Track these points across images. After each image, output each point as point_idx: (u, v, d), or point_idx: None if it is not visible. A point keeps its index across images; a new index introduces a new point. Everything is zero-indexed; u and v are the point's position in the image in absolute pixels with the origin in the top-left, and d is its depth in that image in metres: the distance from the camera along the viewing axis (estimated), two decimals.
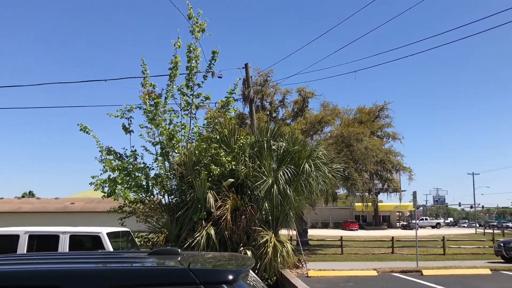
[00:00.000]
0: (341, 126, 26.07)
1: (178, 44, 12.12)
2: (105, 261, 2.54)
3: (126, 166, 11.88)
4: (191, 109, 12.44)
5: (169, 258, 2.55)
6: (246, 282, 2.35)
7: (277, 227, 11.89)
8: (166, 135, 11.87)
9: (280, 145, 12.31)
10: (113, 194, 11.65)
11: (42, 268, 2.25)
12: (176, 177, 12.05)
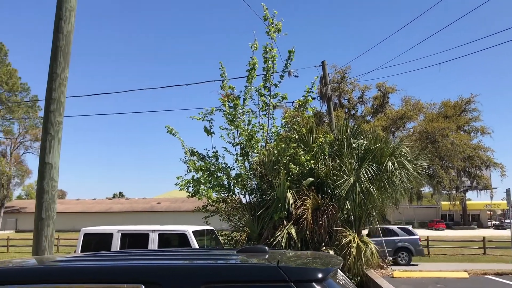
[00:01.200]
0: (424, 122, 25.02)
1: (255, 46, 12.27)
2: (197, 257, 2.64)
3: (208, 166, 12.23)
4: (269, 109, 12.53)
5: (258, 255, 2.60)
6: (336, 281, 2.33)
7: (359, 227, 11.65)
8: (245, 135, 12.06)
9: (361, 143, 12.04)
10: (197, 194, 12.03)
11: (140, 264, 2.38)
12: (256, 176, 12.21)
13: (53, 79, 5.93)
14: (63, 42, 6.00)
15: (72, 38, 6.14)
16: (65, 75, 6.03)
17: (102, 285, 2.15)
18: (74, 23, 6.16)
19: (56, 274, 2.33)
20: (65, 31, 6.03)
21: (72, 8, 6.11)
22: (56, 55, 5.97)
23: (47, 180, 5.70)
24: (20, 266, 2.70)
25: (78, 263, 2.52)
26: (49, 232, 5.64)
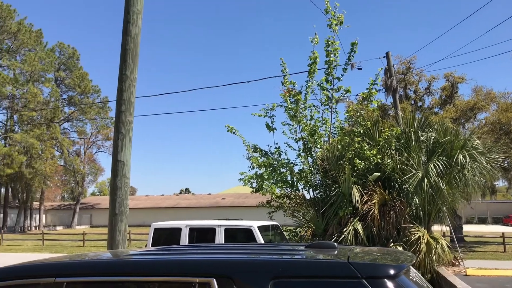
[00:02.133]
0: (497, 112, 23.66)
1: (316, 40, 12.15)
2: (266, 252, 2.66)
3: (271, 162, 12.28)
4: (332, 103, 12.36)
5: (327, 251, 2.57)
6: (409, 278, 2.26)
7: (429, 223, 11.24)
8: (308, 130, 11.98)
9: (429, 136, 11.60)
10: (261, 189, 12.11)
11: (210, 258, 2.43)
12: (319, 172, 12.10)
13: (123, 80, 6.18)
14: (131, 44, 6.23)
15: (139, 40, 6.37)
16: (134, 76, 6.27)
17: (175, 278, 2.22)
18: (141, 26, 6.39)
19: (131, 267, 2.43)
20: (133, 33, 6.26)
21: (139, 11, 6.34)
22: (125, 57, 6.21)
23: (120, 177, 5.96)
24: (96, 259, 2.84)
25: (151, 257, 2.62)
26: (122, 226, 5.90)
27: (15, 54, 48.05)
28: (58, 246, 30.69)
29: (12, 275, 2.56)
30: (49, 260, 2.81)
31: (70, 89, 57.06)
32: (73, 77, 55.53)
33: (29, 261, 2.92)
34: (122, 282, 2.32)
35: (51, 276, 2.44)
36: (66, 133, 59.27)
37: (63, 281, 2.38)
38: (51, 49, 53.84)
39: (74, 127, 60.86)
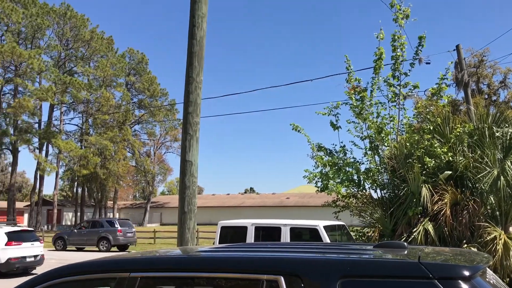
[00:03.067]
0: None
1: (381, 35, 11.84)
2: (334, 251, 2.64)
3: (336, 161, 12.11)
4: (399, 100, 11.99)
5: (397, 251, 2.51)
6: (485, 280, 2.15)
7: (506, 223, 10.59)
8: (374, 128, 11.69)
9: (505, 132, 10.92)
10: (326, 189, 11.98)
11: (278, 256, 2.45)
12: (387, 171, 11.78)
13: (189, 82, 6.37)
14: (197, 47, 6.41)
15: (204, 43, 6.53)
16: (200, 78, 6.43)
17: (243, 275, 2.26)
18: (206, 29, 6.55)
19: (201, 263, 2.50)
20: (198, 37, 6.43)
21: (204, 15, 6.50)
22: (191, 60, 6.40)
23: (188, 176, 6.14)
24: (168, 255, 2.96)
25: (220, 254, 2.68)
26: (191, 224, 6.08)
27: (88, 61, 50.85)
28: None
29: (91, 269, 2.72)
30: (124, 256, 2.95)
31: (140, 92, 59.52)
32: (143, 81, 57.86)
33: (105, 256, 3.09)
34: (192, 278, 2.40)
35: (126, 271, 2.56)
36: (136, 135, 61.92)
37: (137, 276, 2.50)
38: (121, 55, 56.45)
39: (144, 129, 63.44)
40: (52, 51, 48.95)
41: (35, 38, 46.92)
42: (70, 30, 47.95)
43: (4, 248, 15.86)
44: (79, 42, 48.46)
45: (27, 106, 42.05)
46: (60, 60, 49.85)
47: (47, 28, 46.74)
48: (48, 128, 47.40)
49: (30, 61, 41.80)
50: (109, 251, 26.50)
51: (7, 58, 41.70)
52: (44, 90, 43.50)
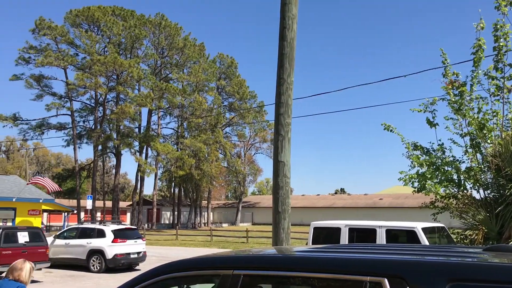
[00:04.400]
0: None
1: (481, 25, 11.07)
2: (439, 254, 2.53)
3: (434, 160, 11.54)
4: (503, 93, 11.13)
5: (508, 255, 2.35)
6: None
7: None
8: (475, 125, 10.96)
9: None
10: (423, 189, 11.46)
11: (381, 258, 2.40)
12: (490, 169, 10.98)
13: (280, 84, 6.44)
14: (287, 49, 6.46)
15: (295, 44, 6.57)
16: (291, 79, 6.48)
17: (345, 276, 2.24)
18: (296, 30, 6.58)
19: (303, 263, 2.52)
20: (289, 38, 6.48)
21: (294, 16, 6.54)
22: (282, 62, 6.46)
23: (281, 177, 6.21)
24: (270, 254, 3.01)
25: (322, 254, 2.68)
26: (285, 224, 6.14)
27: (182, 68, 53.29)
28: (225, 242, 33.10)
29: (197, 266, 2.86)
30: (228, 254, 3.06)
31: (230, 96, 61.23)
32: (232, 85, 59.47)
33: (209, 254, 3.23)
34: (295, 277, 2.43)
35: (229, 268, 2.66)
36: (228, 136, 63.74)
37: (240, 274, 2.58)
38: (212, 60, 58.50)
39: (235, 131, 65.13)
40: (149, 60, 52.02)
41: (134, 48, 50.15)
42: (165, 38, 50.61)
43: (111, 245, 17.13)
44: (173, 50, 50.97)
45: (128, 112, 45.06)
46: (157, 67, 52.79)
47: (144, 38, 49.75)
48: (147, 132, 50.41)
49: (130, 70, 44.76)
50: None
51: (110, 68, 45.03)
52: (143, 96, 46.32)
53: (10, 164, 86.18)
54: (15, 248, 14.31)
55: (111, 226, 18.30)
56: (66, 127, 51.01)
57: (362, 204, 64.88)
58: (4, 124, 47.58)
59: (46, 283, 14.67)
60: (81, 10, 47.10)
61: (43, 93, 48.89)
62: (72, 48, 48.07)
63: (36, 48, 46.29)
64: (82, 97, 50.55)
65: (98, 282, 15.05)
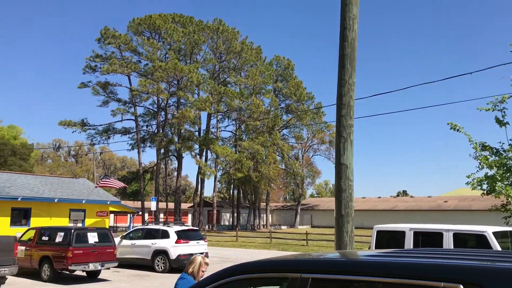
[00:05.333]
0: None
1: None
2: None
3: (504, 161, 10.98)
4: None
5: None
6: None
7: None
8: None
9: None
10: (493, 192, 10.93)
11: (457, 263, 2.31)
12: None
13: (342, 85, 6.36)
14: (348, 49, 6.37)
15: (356, 44, 6.47)
16: (353, 80, 6.39)
17: (420, 281, 2.18)
18: (357, 30, 6.48)
19: (377, 267, 2.46)
20: (350, 38, 6.39)
21: (355, 16, 6.44)
22: (343, 63, 6.39)
23: (344, 179, 6.13)
24: (338, 258, 2.99)
25: (392, 259, 2.63)
26: (349, 228, 6.05)
27: (239, 71, 53.95)
28: (284, 244, 33.08)
29: (265, 268, 2.89)
30: (295, 257, 3.07)
31: (287, 97, 61.20)
32: (289, 87, 59.43)
33: (277, 256, 3.25)
34: (364, 281, 2.39)
35: (297, 271, 2.66)
36: (285, 138, 63.72)
37: (308, 277, 2.57)
38: (269, 63, 58.78)
39: (292, 133, 64.99)
40: (208, 64, 53.09)
41: (193, 53, 51.37)
42: (223, 43, 51.46)
43: (175, 245, 17.62)
44: (231, 54, 51.72)
45: (188, 116, 46.20)
46: (215, 72, 53.77)
47: (203, 43, 50.85)
48: (206, 135, 51.45)
49: (190, 75, 45.90)
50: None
51: (170, 74, 46.40)
52: (203, 100, 47.33)
53: (79, 168, 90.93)
54: (85, 248, 15.05)
55: (174, 227, 18.81)
56: (130, 131, 53.07)
57: (426, 207, 62.66)
58: (73, 129, 50.27)
59: (114, 282, 15.32)
60: (143, 19, 48.87)
61: (109, 99, 51.19)
62: (135, 56, 50.02)
63: (102, 56, 48.54)
64: (145, 102, 52.49)
65: (163, 282, 15.52)
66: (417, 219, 48.21)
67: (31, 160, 63.59)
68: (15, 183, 23.99)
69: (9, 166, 48.81)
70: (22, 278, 15.08)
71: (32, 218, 22.69)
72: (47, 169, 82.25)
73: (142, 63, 50.69)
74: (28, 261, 15.57)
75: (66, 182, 27.92)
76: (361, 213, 61.13)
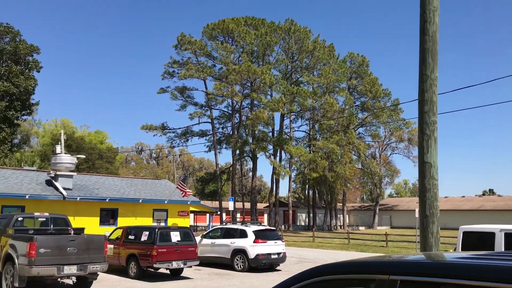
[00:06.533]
0: None
1: None
2: None
3: None
4: None
5: None
6: None
7: None
8: None
9: None
10: None
11: None
12: None
13: (423, 80, 6.13)
14: (429, 43, 6.13)
15: (437, 38, 6.21)
16: (435, 75, 6.14)
17: None
18: (438, 23, 6.22)
19: (468, 270, 2.35)
20: (431, 32, 6.15)
21: (435, 8, 6.18)
22: (424, 57, 6.15)
23: (428, 179, 5.90)
24: (428, 260, 2.89)
25: (485, 262, 2.49)
26: (434, 229, 5.82)
27: (312, 70, 53.57)
28: (363, 246, 32.38)
29: (352, 269, 2.86)
30: (383, 258, 3.01)
31: (362, 95, 59.88)
32: (364, 84, 58.10)
33: (363, 257, 3.20)
34: (457, 285, 2.28)
35: (385, 273, 2.61)
36: (361, 137, 62.36)
37: (396, 279, 2.51)
38: (342, 60, 57.84)
39: (368, 131, 63.47)
40: (280, 65, 53.28)
41: (265, 55, 51.79)
42: (295, 43, 51.41)
43: (253, 245, 17.86)
44: (303, 54, 51.53)
45: (262, 117, 46.65)
46: (287, 72, 53.84)
47: (275, 44, 51.11)
48: (280, 136, 51.66)
49: (263, 77, 46.33)
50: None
51: (244, 76, 47.13)
52: (276, 101, 47.58)
53: (160, 169, 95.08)
54: (169, 247, 15.68)
55: (252, 226, 19.07)
56: (207, 133, 54.59)
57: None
58: (154, 133, 52.65)
59: (196, 280, 15.84)
60: (217, 23, 50.09)
61: (186, 103, 53.00)
62: (210, 60, 51.35)
63: (179, 62, 50.36)
64: (220, 105, 53.67)
65: (243, 280, 15.80)
66: (505, 219, 45.20)
67: (116, 163, 67.42)
68: (103, 185, 25.56)
69: (96, 169, 52.07)
70: (111, 275, 16.01)
71: (119, 218, 24.04)
72: (130, 171, 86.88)
73: (216, 67, 52.00)
74: (116, 258, 16.51)
75: (149, 184, 29.29)
76: (443, 213, 58.31)
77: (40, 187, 22.17)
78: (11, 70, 36.88)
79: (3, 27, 38.45)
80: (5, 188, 20.53)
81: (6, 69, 37.03)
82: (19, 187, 21.28)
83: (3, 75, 37.05)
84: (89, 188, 24.10)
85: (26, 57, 38.64)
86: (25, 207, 20.61)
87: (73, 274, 12.44)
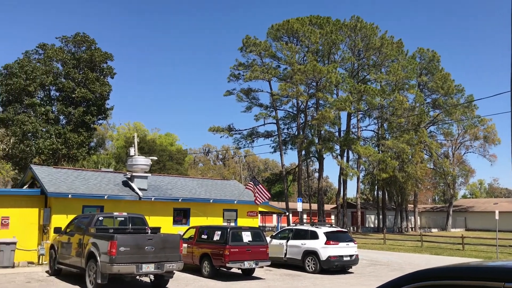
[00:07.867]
0: None
1: None
2: None
3: None
4: None
5: None
6: None
7: None
8: None
9: None
10: None
11: None
12: None
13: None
14: None
15: None
16: None
17: None
18: None
19: None
20: None
21: None
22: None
23: None
24: None
25: None
26: None
27: (380, 67, 52.17)
28: (437, 248, 31.06)
29: (460, 275, 2.70)
30: (494, 263, 2.82)
31: (433, 92, 57.55)
32: (435, 80, 55.80)
33: (474, 262, 3.02)
34: None
35: (499, 280, 2.44)
36: (433, 136, 59.97)
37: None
38: (411, 56, 55.86)
39: (440, 129, 60.94)
40: (346, 63, 52.37)
41: (331, 53, 51.13)
42: (361, 40, 50.34)
43: (324, 246, 17.63)
44: (370, 51, 50.32)
45: (328, 117, 46.06)
46: (354, 70, 52.83)
47: (341, 42, 50.32)
48: (347, 136, 50.77)
49: (329, 76, 45.77)
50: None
51: (309, 76, 46.81)
52: (342, 100, 46.82)
53: (226, 170, 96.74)
54: (240, 247, 15.84)
55: (323, 228, 18.83)
56: (272, 134, 54.78)
57: None
58: (221, 135, 53.58)
59: (268, 280, 15.87)
60: (281, 24, 50.12)
61: (252, 105, 53.51)
62: (274, 61, 51.49)
63: (244, 64, 50.95)
64: (285, 106, 53.66)
65: (315, 282, 15.64)
66: None
67: (185, 164, 69.34)
68: (176, 185, 26.30)
69: (167, 170, 53.82)
70: (185, 274, 16.42)
71: (191, 218, 24.65)
72: (199, 172, 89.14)
73: (281, 67, 52.04)
74: (190, 257, 16.92)
75: (219, 184, 29.80)
76: None
77: (117, 187, 23.20)
78: (87, 77, 38.98)
79: (80, 37, 40.72)
80: (86, 189, 21.67)
81: (83, 76, 39.19)
82: (98, 188, 22.38)
83: (81, 82, 39.24)
84: (163, 188, 24.90)
85: (101, 64, 40.64)
86: (104, 207, 21.62)
87: (151, 272, 12.87)
